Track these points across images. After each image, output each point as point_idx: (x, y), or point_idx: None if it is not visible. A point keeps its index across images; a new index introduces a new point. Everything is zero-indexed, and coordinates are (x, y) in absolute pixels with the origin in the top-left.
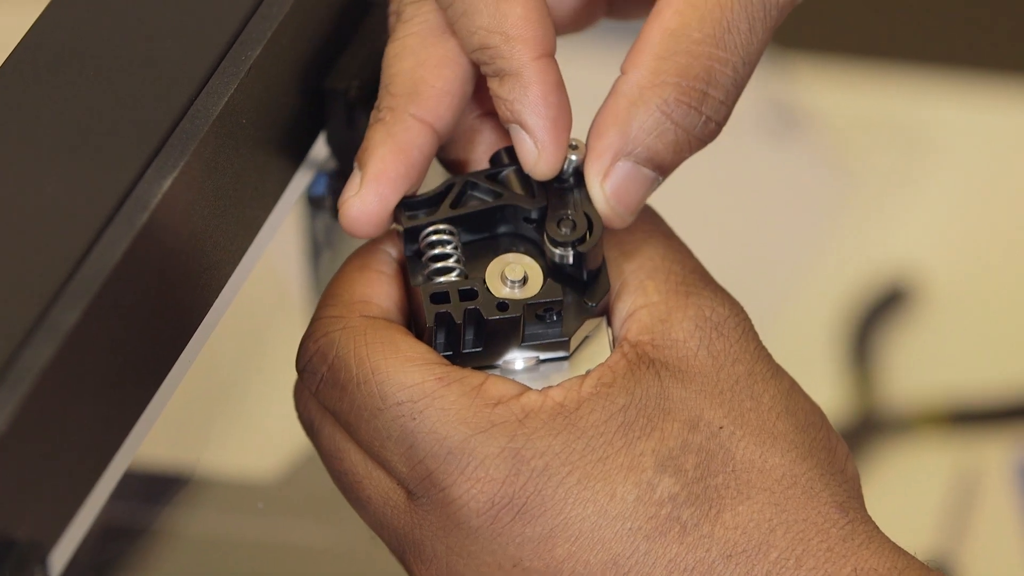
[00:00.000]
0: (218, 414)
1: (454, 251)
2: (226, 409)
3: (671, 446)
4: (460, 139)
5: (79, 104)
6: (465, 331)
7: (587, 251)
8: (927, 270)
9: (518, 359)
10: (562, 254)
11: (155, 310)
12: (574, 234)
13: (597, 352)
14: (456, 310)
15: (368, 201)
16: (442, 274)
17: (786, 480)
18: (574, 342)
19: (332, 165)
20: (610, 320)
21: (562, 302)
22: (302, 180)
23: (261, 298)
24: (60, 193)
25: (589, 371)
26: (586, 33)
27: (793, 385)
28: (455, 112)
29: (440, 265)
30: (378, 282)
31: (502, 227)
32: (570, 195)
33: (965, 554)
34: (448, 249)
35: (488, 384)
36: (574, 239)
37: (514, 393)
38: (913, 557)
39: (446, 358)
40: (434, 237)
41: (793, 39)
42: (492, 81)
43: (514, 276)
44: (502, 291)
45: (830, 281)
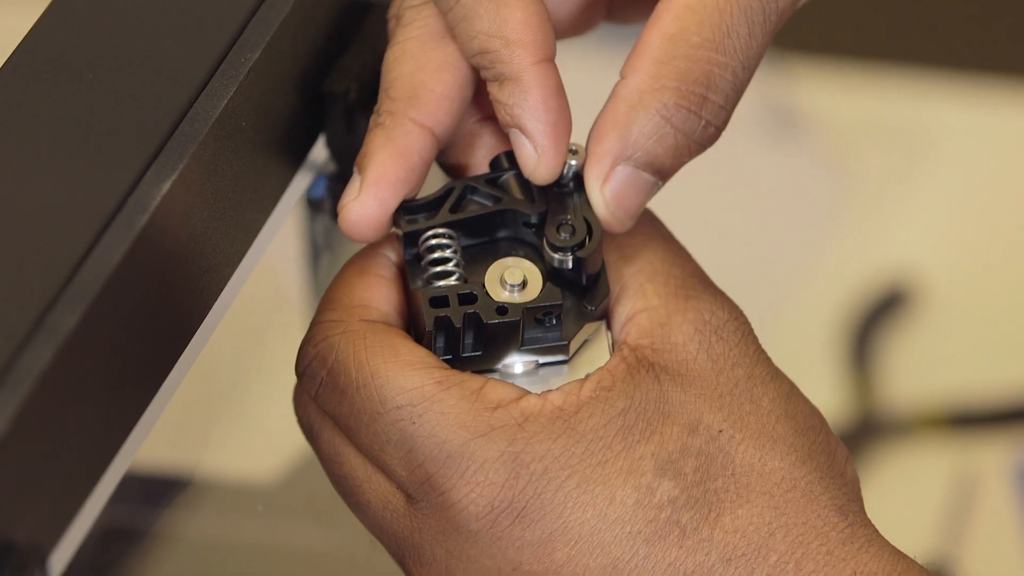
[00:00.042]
0: (217, 417)
1: (453, 255)
2: (226, 412)
3: (670, 450)
4: (460, 143)
5: (79, 106)
6: (464, 335)
7: (586, 256)
8: (926, 272)
9: (517, 363)
10: (561, 259)
11: (155, 312)
12: (573, 239)
13: (596, 356)
14: (455, 314)
15: (368, 205)
16: (441, 278)
17: (785, 483)
18: (573, 346)
19: (331, 168)
20: (609, 324)
21: (561, 306)
22: (301, 182)
23: (260, 300)
24: (60, 195)
25: (588, 375)
26: (586, 37)
27: (792, 388)
28: (455, 116)
29: (439, 269)
30: (377, 286)
31: (501, 231)
32: (570, 199)
33: (964, 557)
34: (448, 253)
35: (487, 388)
36: (573, 244)
37: (513, 397)
38: (913, 560)
39: (445, 362)
40: (433, 241)
41: (792, 41)
42: (492, 85)
43: (513, 280)
44: (501, 295)
45: (829, 283)
